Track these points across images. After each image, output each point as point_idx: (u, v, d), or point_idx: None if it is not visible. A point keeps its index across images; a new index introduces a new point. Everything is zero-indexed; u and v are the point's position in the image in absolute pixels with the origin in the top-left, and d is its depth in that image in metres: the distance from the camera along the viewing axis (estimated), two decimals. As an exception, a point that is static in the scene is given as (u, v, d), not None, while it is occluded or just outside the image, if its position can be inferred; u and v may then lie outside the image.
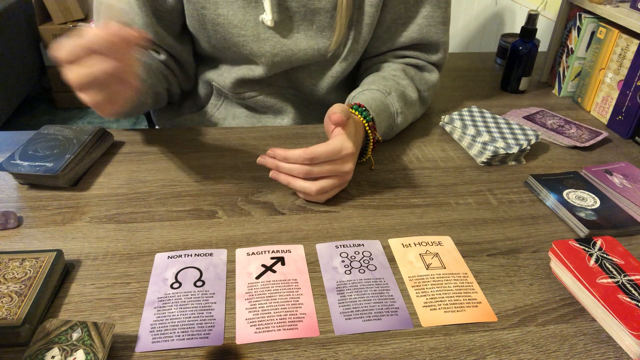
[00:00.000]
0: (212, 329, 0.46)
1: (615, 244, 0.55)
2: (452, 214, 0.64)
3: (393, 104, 0.74)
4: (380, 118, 0.72)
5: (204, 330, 0.46)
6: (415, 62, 0.83)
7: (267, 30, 0.74)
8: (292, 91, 0.85)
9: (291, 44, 0.76)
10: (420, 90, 0.82)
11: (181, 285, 0.51)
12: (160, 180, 0.68)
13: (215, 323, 0.47)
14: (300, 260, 0.55)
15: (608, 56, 0.88)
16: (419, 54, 0.83)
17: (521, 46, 0.96)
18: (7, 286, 0.47)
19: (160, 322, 0.47)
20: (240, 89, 0.83)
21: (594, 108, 0.92)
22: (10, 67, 2.28)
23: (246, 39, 0.74)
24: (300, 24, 0.75)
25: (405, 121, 0.79)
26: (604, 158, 0.78)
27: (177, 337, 0.45)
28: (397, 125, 0.76)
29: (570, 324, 0.49)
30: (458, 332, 0.47)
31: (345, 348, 0.45)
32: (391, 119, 0.75)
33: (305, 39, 0.76)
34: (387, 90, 0.74)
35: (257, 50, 0.75)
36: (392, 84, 0.76)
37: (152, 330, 0.46)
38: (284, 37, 0.75)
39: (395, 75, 0.79)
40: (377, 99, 0.73)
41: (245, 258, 0.55)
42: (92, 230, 0.58)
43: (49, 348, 0.41)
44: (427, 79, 0.83)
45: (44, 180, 0.64)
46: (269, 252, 0.56)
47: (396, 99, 0.75)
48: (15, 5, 2.35)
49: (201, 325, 0.47)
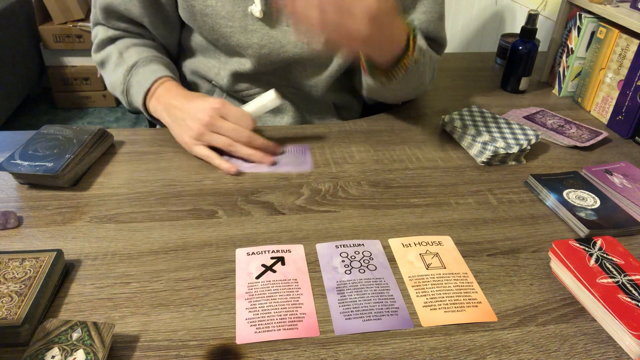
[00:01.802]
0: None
1: (615, 244, 0.55)
2: (452, 214, 0.64)
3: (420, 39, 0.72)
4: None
5: (293, 321, 0.48)
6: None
7: (256, 22, 0.75)
8: (291, 90, 0.85)
9: (279, 37, 0.76)
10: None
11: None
12: (160, 180, 0.68)
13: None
14: (301, 260, 0.55)
15: (608, 56, 0.88)
16: None
17: (521, 46, 0.96)
18: (7, 286, 0.47)
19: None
20: (238, 86, 0.83)
21: (594, 108, 0.92)
22: (10, 67, 2.28)
23: (234, 30, 0.75)
24: (289, 17, 0.75)
25: (424, 63, 0.74)
26: (604, 158, 0.78)
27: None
28: (424, 53, 0.72)
29: (571, 324, 0.49)
30: (458, 332, 0.47)
31: (345, 348, 0.45)
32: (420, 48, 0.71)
33: (294, 31, 0.76)
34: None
35: (244, 42, 0.76)
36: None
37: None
38: (272, 29, 0.76)
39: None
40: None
41: (245, 258, 0.55)
42: (92, 230, 0.58)
43: (49, 348, 0.41)
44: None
45: (44, 180, 0.64)
46: (269, 252, 0.56)
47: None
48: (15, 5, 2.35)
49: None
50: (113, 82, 0.80)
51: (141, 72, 0.76)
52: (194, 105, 0.70)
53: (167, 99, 0.73)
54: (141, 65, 0.77)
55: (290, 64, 0.80)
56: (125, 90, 0.78)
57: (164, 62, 0.80)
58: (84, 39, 2.50)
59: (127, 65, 0.77)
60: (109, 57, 0.81)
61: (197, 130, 0.69)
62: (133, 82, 0.77)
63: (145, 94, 0.75)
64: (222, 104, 0.69)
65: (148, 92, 0.75)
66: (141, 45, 0.81)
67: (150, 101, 0.75)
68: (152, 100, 0.75)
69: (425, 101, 0.94)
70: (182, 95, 0.73)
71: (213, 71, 0.83)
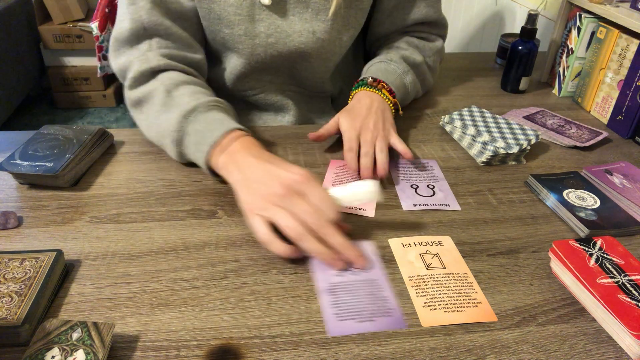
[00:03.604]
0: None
1: (615, 244, 0.55)
2: (452, 214, 0.64)
3: (398, 66, 0.82)
4: (389, 78, 0.79)
5: (380, 314, 0.49)
6: (418, 35, 0.90)
7: (263, 11, 0.74)
8: (293, 87, 0.85)
9: (285, 26, 0.76)
10: (425, 56, 0.88)
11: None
12: (160, 180, 0.68)
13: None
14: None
15: (608, 56, 0.88)
16: (422, 28, 0.89)
17: (521, 46, 0.96)
18: (7, 286, 0.47)
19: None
20: (241, 85, 0.83)
21: (594, 108, 0.92)
22: (10, 67, 2.28)
23: (242, 18, 0.74)
24: (295, 7, 0.75)
25: (415, 81, 0.85)
26: (604, 158, 0.78)
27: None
28: (409, 84, 0.83)
29: (570, 324, 0.49)
30: (458, 332, 0.47)
31: (345, 348, 0.45)
32: (399, 79, 0.81)
33: (299, 21, 0.76)
34: (389, 58, 0.83)
35: (251, 30, 0.75)
36: (394, 52, 0.85)
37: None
38: (279, 18, 0.75)
39: (398, 46, 0.87)
40: (381, 68, 0.81)
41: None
42: (92, 230, 0.58)
43: (49, 348, 0.41)
44: (430, 46, 0.89)
45: (44, 180, 0.64)
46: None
47: (399, 62, 0.82)
48: (15, 5, 2.35)
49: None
50: (161, 127, 0.67)
51: (202, 119, 0.65)
52: (273, 171, 0.57)
53: (244, 156, 0.60)
54: (202, 111, 0.65)
55: (295, 58, 0.80)
56: (179, 139, 0.65)
57: (226, 109, 0.70)
58: (84, 39, 2.51)
59: (182, 109, 0.65)
60: (152, 95, 0.69)
61: (265, 200, 0.55)
62: (190, 130, 0.65)
63: (212, 146, 0.62)
64: (306, 178, 0.55)
65: (217, 144, 0.62)
66: (192, 84, 0.70)
67: (219, 155, 0.62)
68: (222, 154, 0.62)
69: (425, 101, 0.94)
70: (265, 157, 0.60)
71: (215, 71, 0.83)
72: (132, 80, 0.70)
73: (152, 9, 0.70)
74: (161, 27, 0.71)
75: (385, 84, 0.78)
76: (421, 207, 0.64)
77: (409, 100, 0.86)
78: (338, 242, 0.53)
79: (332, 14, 0.76)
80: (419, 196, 0.66)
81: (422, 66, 0.87)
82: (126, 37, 0.71)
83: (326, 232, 0.53)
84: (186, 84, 0.70)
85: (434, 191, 0.67)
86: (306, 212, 0.53)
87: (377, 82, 0.78)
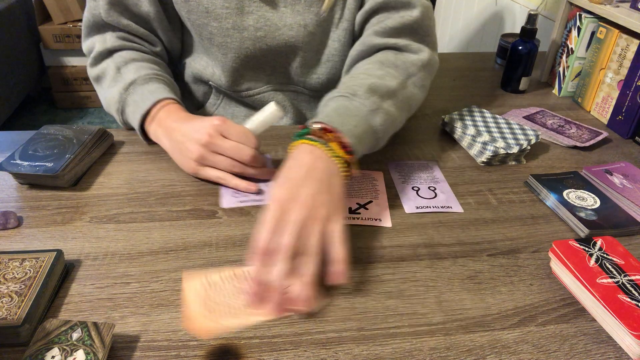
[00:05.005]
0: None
1: (615, 244, 0.55)
2: (452, 214, 0.64)
3: (363, 103, 0.62)
4: (348, 123, 0.60)
5: None
6: (393, 44, 0.73)
7: (253, 3, 0.73)
8: (292, 87, 0.85)
9: (276, 19, 0.75)
10: (408, 76, 0.70)
11: None
12: (160, 180, 0.68)
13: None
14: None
15: (608, 56, 0.88)
16: (397, 35, 0.73)
17: (521, 46, 0.96)
18: (7, 286, 0.47)
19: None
20: (237, 86, 0.82)
21: (594, 108, 0.92)
22: (10, 67, 2.28)
23: (230, 11, 0.73)
24: None
25: (391, 116, 0.65)
26: (604, 158, 0.78)
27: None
28: (379, 126, 0.63)
29: (571, 324, 0.49)
30: (458, 332, 0.47)
31: (345, 348, 0.45)
32: (363, 122, 0.61)
33: (292, 13, 0.75)
34: (352, 91, 0.63)
35: (240, 24, 0.74)
36: (361, 79, 0.66)
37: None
38: (270, 10, 0.74)
39: (367, 68, 0.70)
40: (340, 107, 0.62)
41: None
42: (92, 230, 0.58)
43: (49, 348, 0.41)
44: (412, 59, 0.72)
45: (44, 180, 0.64)
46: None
47: (365, 96, 0.63)
48: (15, 5, 2.35)
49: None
50: (108, 99, 0.74)
51: (139, 91, 0.71)
52: (192, 126, 0.65)
53: (167, 123, 0.68)
54: (140, 84, 0.71)
55: (286, 52, 0.78)
56: (121, 109, 0.72)
57: (165, 81, 0.74)
58: (84, 39, 2.51)
59: (124, 83, 0.72)
60: (105, 72, 0.76)
61: (198, 152, 0.64)
62: (130, 101, 0.71)
63: (143, 115, 0.69)
64: (221, 121, 0.64)
65: (147, 114, 0.69)
66: (140, 60, 0.76)
67: (150, 125, 0.70)
68: (152, 124, 0.70)
69: (425, 101, 0.93)
70: (183, 117, 0.67)
71: (208, 70, 0.82)
72: (92, 59, 0.78)
73: (110, 9, 0.75)
74: (120, 24, 0.76)
75: (339, 134, 0.57)
76: (424, 210, 0.64)
77: (383, 142, 0.66)
78: (256, 172, 0.66)
79: (325, 9, 0.74)
80: (420, 198, 0.66)
81: (401, 91, 0.68)
82: (89, 26, 0.78)
83: (254, 157, 0.64)
84: (135, 61, 0.75)
85: (436, 193, 0.67)
86: (232, 147, 0.64)
87: (325, 132, 0.57)
